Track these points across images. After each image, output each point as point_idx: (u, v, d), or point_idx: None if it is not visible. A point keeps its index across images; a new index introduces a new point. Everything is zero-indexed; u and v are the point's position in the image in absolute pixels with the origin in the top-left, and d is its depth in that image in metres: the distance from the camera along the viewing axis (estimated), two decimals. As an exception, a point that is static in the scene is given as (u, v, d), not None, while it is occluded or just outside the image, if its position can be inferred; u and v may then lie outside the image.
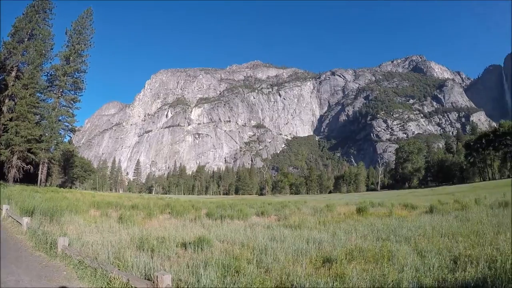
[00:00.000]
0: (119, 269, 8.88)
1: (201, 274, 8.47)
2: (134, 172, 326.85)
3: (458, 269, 8.68)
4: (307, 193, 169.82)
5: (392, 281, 7.79)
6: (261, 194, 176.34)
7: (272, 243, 12.75)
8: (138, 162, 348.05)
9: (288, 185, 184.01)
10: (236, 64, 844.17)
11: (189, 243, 12.69)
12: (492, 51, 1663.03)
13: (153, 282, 6.96)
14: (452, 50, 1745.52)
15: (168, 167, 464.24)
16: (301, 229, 16.97)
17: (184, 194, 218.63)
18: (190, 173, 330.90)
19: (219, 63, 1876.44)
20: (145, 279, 8.32)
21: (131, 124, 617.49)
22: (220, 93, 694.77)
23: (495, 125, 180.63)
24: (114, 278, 8.09)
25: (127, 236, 14.47)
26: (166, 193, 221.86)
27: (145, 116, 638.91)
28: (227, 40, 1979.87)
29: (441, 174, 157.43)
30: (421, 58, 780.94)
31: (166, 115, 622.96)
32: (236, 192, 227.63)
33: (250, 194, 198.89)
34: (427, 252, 10.49)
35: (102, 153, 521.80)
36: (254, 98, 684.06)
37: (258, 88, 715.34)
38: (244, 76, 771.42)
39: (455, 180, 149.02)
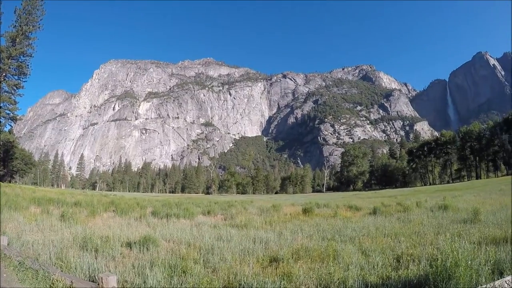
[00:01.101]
0: (62, 271, 8.54)
1: (147, 274, 8.31)
2: (77, 167, 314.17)
3: (401, 267, 8.95)
4: (254, 193, 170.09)
5: (338, 279, 7.86)
6: (208, 193, 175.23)
7: (219, 243, 12.67)
8: (82, 157, 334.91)
9: (234, 185, 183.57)
10: (189, 60, 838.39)
11: (135, 242, 12.33)
12: (438, 67, 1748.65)
13: (98, 284, 6.70)
14: (401, 63, 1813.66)
15: (113, 163, 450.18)
16: (248, 228, 16.92)
17: (129, 192, 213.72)
18: (136, 170, 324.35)
19: (171, 58, 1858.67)
20: (89, 280, 8.09)
21: (76, 116, 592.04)
22: (170, 88, 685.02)
23: (437, 135, 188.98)
24: (57, 280, 7.68)
25: (70, 235, 13.86)
26: (111, 190, 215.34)
27: (91, 107, 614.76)
28: (182, 34, 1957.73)
29: (384, 178, 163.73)
30: (370, 67, 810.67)
31: (113, 107, 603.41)
32: (183, 191, 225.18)
33: (197, 193, 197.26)
34: (371, 251, 10.69)
35: (45, 145, 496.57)
36: (204, 95, 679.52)
37: (209, 86, 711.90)
38: (196, 73, 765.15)
39: (398, 184, 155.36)
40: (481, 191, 44.16)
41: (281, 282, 7.87)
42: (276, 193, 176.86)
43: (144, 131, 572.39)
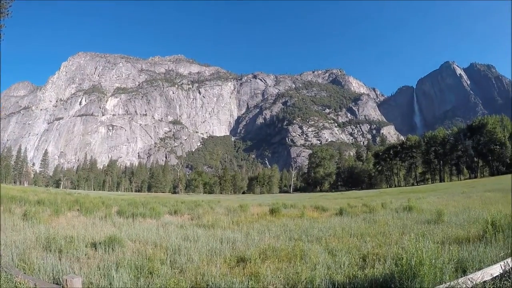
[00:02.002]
0: (25, 273, 8.20)
1: (113, 276, 8.13)
2: (41, 164, 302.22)
3: (367, 266, 9.07)
4: (221, 193, 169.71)
5: (306, 278, 7.88)
6: (175, 192, 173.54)
7: (186, 243, 12.52)
8: (46, 153, 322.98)
9: (202, 184, 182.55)
10: (159, 56, 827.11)
11: (100, 243, 12.02)
12: (406, 74, 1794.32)
13: (62, 286, 6.47)
14: (370, 68, 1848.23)
15: (78, 160, 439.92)
16: (215, 228, 16.82)
17: (94, 190, 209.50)
18: (102, 167, 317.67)
19: (141, 53, 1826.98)
20: (53, 283, 7.85)
21: (41, 109, 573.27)
22: (139, 84, 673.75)
23: (403, 139, 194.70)
24: (20, 283, 7.39)
25: (33, 235, 13.39)
26: (75, 188, 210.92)
27: (57, 101, 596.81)
28: (154, 29, 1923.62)
29: (351, 179, 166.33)
30: (340, 72, 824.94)
31: (80, 102, 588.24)
32: (149, 190, 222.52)
33: (163, 192, 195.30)
34: (337, 251, 10.76)
35: (7, 140, 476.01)
36: (173, 93, 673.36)
37: (179, 83, 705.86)
38: (166, 70, 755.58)
39: (364, 186, 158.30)
40: (444, 193, 45.15)
41: (248, 282, 7.86)
42: (243, 193, 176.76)
43: (111, 128, 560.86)
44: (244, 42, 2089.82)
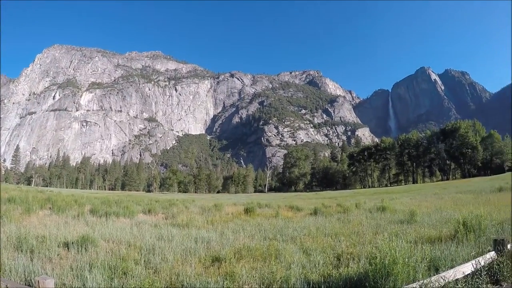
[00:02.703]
0: (-5, 275, 8.01)
1: (87, 277, 8.03)
2: (12, 160, 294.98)
3: (341, 265, 9.17)
4: (196, 192, 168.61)
5: (281, 278, 7.91)
6: (149, 191, 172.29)
7: (160, 243, 12.42)
8: (17, 148, 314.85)
9: (176, 183, 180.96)
10: (136, 51, 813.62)
11: (72, 242, 11.80)
12: (382, 77, 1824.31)
13: (34, 288, 6.32)
14: (347, 71, 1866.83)
15: (51, 156, 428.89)
16: (189, 228, 16.75)
17: (66, 188, 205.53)
18: (75, 165, 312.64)
19: (118, 47, 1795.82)
20: (25, 284, 7.68)
21: (13, 103, 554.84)
22: (114, 80, 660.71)
23: (377, 141, 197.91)
24: None
25: (3, 235, 13.09)
26: (47, 186, 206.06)
27: (30, 95, 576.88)
28: (132, 24, 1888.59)
29: (325, 180, 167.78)
30: (318, 73, 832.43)
31: (54, 96, 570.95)
32: (123, 188, 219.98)
33: (137, 191, 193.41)
34: (312, 251, 10.84)
35: None
36: (149, 89, 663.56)
37: (155, 80, 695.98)
38: (142, 66, 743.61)
39: (338, 186, 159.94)
40: (417, 194, 45.85)
41: (224, 282, 7.85)
42: (218, 192, 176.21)
43: (84, 124, 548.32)
44: (222, 40, 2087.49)
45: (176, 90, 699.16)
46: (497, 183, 46.77)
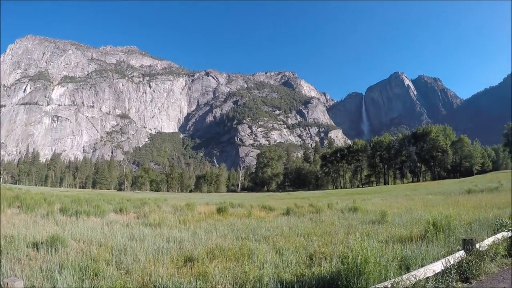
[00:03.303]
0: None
1: (57, 278, 7.86)
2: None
3: (314, 265, 9.20)
4: (168, 191, 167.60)
5: (254, 277, 7.88)
6: (120, 190, 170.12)
7: (132, 243, 12.28)
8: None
9: (148, 182, 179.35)
10: (111, 45, 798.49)
11: (42, 243, 11.56)
12: (356, 81, 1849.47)
13: (3, 291, 6.13)
14: (322, 73, 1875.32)
15: (20, 152, 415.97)
16: (161, 227, 16.65)
17: (36, 185, 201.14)
18: (44, 161, 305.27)
19: (93, 40, 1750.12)
20: None
21: None
22: (87, 74, 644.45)
23: (350, 143, 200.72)
24: None
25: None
26: (16, 183, 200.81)
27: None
28: (108, 17, 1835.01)
29: (298, 180, 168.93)
30: (293, 74, 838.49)
31: (25, 89, 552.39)
32: (94, 186, 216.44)
33: (109, 189, 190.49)
34: (285, 250, 10.85)
35: None
36: (123, 85, 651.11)
37: (129, 76, 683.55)
38: (117, 60, 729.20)
39: (311, 187, 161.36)
40: (388, 195, 46.62)
41: (197, 282, 7.76)
42: (190, 191, 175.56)
43: (55, 119, 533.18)
44: (199, 38, 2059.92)
45: (150, 86, 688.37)
46: (466, 185, 48.05)
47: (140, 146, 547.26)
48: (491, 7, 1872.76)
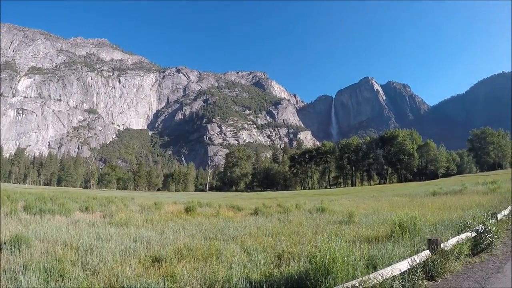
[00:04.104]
0: None
1: (21, 280, 7.64)
2: None
3: (282, 264, 9.25)
4: (135, 189, 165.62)
5: (222, 278, 7.84)
6: (86, 187, 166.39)
7: (98, 242, 11.99)
8: None
9: (115, 179, 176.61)
10: (82, 37, 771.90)
11: (5, 243, 11.20)
12: (327, 84, 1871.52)
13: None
14: (293, 74, 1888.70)
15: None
16: (128, 227, 16.37)
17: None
18: (8, 156, 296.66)
19: (63, 31, 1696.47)
20: None
21: None
22: (56, 66, 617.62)
23: (319, 144, 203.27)
24: None
25: None
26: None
27: None
28: (79, 7, 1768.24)
29: (266, 180, 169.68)
30: (264, 75, 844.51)
31: None
32: (59, 183, 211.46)
33: (74, 187, 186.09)
34: (253, 250, 10.86)
35: None
36: (92, 79, 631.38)
37: (99, 69, 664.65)
38: (87, 53, 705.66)
39: (279, 187, 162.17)
40: (355, 196, 47.18)
41: (165, 282, 7.70)
42: (158, 190, 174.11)
43: (20, 112, 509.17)
44: (172, 34, 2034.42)
45: (119, 81, 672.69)
46: (431, 188, 49.06)
47: (108, 142, 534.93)
48: (460, 20, 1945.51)
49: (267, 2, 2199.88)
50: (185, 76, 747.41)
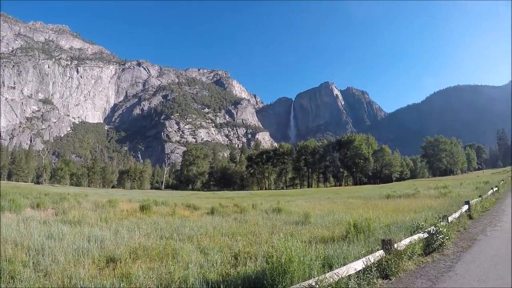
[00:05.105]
0: None
1: None
2: None
3: (239, 264, 9.25)
4: (89, 186, 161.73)
5: (179, 278, 7.80)
6: (38, 183, 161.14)
7: (50, 242, 11.63)
8: None
9: (68, 175, 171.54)
10: (42, 22, 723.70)
11: None
12: (287, 86, 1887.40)
13: None
14: (254, 75, 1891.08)
15: None
16: (82, 225, 16.05)
17: None
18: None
19: (22, 14, 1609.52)
20: None
21: None
22: (12, 51, 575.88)
23: (277, 145, 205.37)
24: None
25: None
26: None
27: None
28: None
29: (223, 180, 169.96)
30: (225, 74, 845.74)
31: None
32: (9, 178, 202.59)
33: (25, 182, 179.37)
34: (209, 250, 10.85)
35: None
36: (49, 67, 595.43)
37: (57, 57, 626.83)
38: (46, 39, 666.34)
39: (236, 187, 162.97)
40: (311, 198, 47.86)
41: (120, 284, 7.56)
42: (113, 187, 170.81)
43: None
44: (134, 25, 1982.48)
45: (77, 71, 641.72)
46: (385, 191, 50.44)
47: (62, 135, 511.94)
48: (417, 35, 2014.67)
49: (230, 2, 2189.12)
50: (145, 70, 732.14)
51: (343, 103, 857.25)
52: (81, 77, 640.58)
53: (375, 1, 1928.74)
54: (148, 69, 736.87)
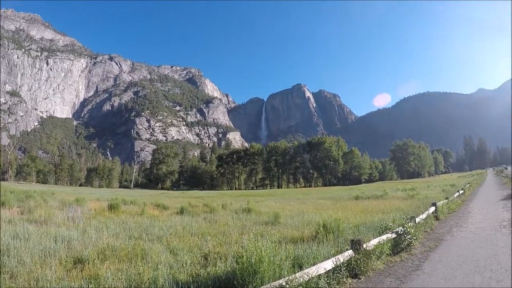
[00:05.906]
0: None
1: None
2: None
3: (209, 265, 9.24)
4: (56, 183, 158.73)
5: (148, 279, 7.76)
6: (3, 179, 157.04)
7: (16, 242, 11.45)
8: None
9: (35, 172, 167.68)
10: (13, 9, 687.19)
11: None
12: (259, 87, 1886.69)
13: None
14: (226, 74, 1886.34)
15: None
16: (48, 225, 15.82)
17: None
18: None
19: None
20: None
21: None
22: None
23: (247, 146, 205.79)
24: None
25: None
26: None
27: None
28: None
29: (193, 179, 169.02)
30: (198, 72, 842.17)
31: None
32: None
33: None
34: (179, 250, 10.88)
35: None
36: (18, 58, 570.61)
37: (27, 48, 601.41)
38: (16, 28, 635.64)
39: (205, 186, 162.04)
40: (281, 198, 48.24)
41: (88, 285, 7.46)
42: (80, 185, 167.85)
43: None
44: (108, 18, 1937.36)
45: (47, 63, 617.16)
46: (354, 192, 51.32)
47: (29, 130, 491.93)
48: (391, 42, 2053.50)
49: (203, 2, 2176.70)
50: (117, 64, 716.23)
51: (314, 105, 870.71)
52: (50, 69, 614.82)
53: (351, 2, 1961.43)
54: (120, 64, 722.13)
